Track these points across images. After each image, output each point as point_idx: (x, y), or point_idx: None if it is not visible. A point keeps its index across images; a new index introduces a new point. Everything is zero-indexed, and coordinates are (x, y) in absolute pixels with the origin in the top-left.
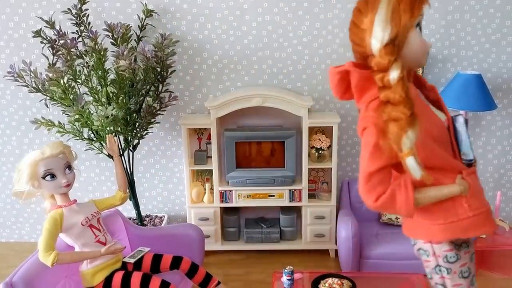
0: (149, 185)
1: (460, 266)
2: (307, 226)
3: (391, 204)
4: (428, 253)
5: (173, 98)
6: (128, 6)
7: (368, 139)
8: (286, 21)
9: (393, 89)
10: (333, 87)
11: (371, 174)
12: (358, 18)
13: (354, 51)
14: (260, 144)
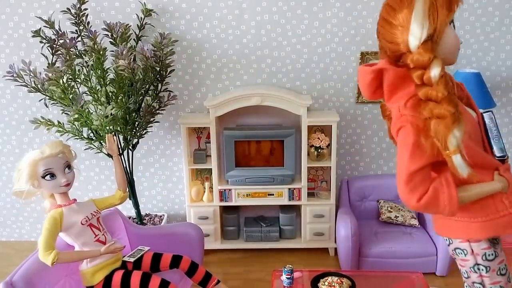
0: (149, 184)
1: (498, 264)
2: (307, 224)
3: (434, 203)
4: (466, 252)
5: (172, 97)
6: (127, 6)
7: (406, 138)
8: (285, 20)
9: (435, 87)
10: (363, 87)
11: (413, 174)
12: (390, 14)
13: (384, 48)
14: (259, 143)
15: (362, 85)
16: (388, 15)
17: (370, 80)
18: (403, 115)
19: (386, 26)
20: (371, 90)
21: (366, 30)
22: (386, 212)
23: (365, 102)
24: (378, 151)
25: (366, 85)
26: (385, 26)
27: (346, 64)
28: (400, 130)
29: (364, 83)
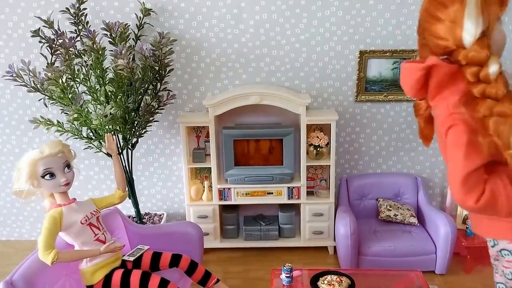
0: (148, 183)
1: None
2: (306, 223)
3: (492, 205)
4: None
5: (171, 96)
6: (126, 5)
7: (459, 137)
8: (284, 19)
9: (493, 84)
10: (410, 84)
11: (469, 174)
12: (439, 9)
13: (429, 45)
14: (258, 142)
15: (409, 83)
16: (437, 9)
17: (419, 77)
18: (453, 113)
19: (433, 21)
20: (418, 88)
21: (364, 29)
22: (385, 211)
23: (364, 101)
24: (377, 149)
25: (414, 82)
26: (432, 21)
27: (344, 63)
28: (450, 129)
29: (411, 80)
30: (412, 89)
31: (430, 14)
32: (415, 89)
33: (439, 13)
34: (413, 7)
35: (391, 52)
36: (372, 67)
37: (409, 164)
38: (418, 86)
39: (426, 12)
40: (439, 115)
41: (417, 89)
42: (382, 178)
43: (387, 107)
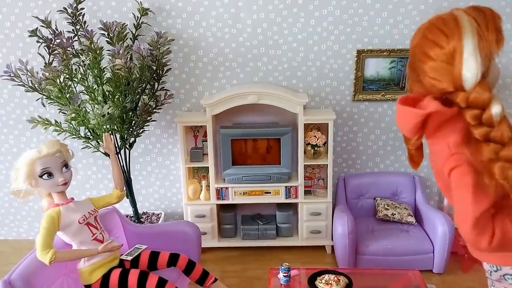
0: (146, 183)
1: None
2: (303, 222)
3: (504, 243)
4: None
5: (169, 96)
6: (123, 5)
7: (465, 179)
8: (281, 18)
9: (497, 128)
10: (408, 129)
11: (479, 218)
12: (433, 49)
13: (425, 83)
14: (256, 141)
15: (407, 127)
16: (431, 48)
17: (418, 122)
18: (455, 153)
19: (427, 60)
20: (415, 131)
21: (362, 28)
22: (383, 210)
23: (361, 100)
24: (375, 148)
25: (412, 126)
26: (426, 60)
27: (342, 62)
28: (454, 170)
29: (409, 125)
30: (409, 132)
31: (423, 52)
32: (413, 132)
33: (433, 53)
34: (410, 6)
35: (389, 51)
36: (370, 66)
37: (407, 163)
38: (415, 129)
39: (419, 49)
40: (439, 152)
41: (415, 132)
42: (380, 177)
43: (385, 106)
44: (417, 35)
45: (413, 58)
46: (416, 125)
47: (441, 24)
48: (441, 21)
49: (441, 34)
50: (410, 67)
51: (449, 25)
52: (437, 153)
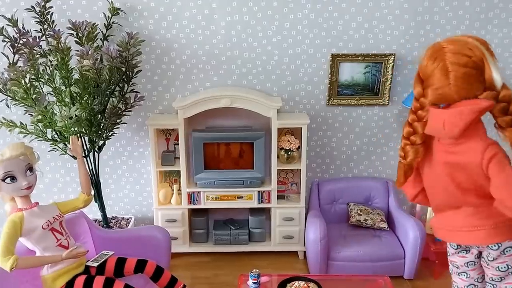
0: (116, 186)
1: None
2: (276, 227)
3: None
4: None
5: (139, 98)
6: (94, 4)
7: (506, 162)
8: (255, 20)
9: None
10: (462, 127)
11: None
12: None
13: (473, 89)
14: (228, 145)
15: (459, 125)
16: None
17: (473, 119)
18: (490, 144)
19: (479, 76)
20: (465, 128)
21: (337, 32)
22: (355, 215)
23: (336, 105)
24: (349, 153)
25: (465, 123)
26: (479, 76)
27: (316, 66)
28: (494, 157)
29: (463, 122)
30: (459, 131)
31: (472, 77)
32: (461, 131)
33: (478, 79)
34: (385, 10)
35: (363, 56)
36: (344, 71)
37: (381, 169)
38: (465, 126)
39: (463, 72)
40: (469, 148)
41: (463, 130)
42: (353, 182)
43: (359, 111)
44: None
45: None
46: (469, 122)
47: (464, 43)
48: (460, 43)
49: (467, 49)
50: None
51: (470, 44)
52: (466, 150)
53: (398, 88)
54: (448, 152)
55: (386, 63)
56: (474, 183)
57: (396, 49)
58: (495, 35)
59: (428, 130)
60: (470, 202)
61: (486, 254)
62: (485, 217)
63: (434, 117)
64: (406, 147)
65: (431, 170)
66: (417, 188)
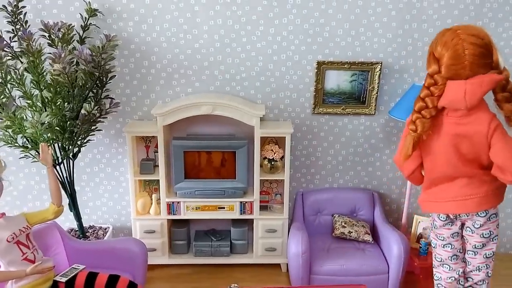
0: (94, 195)
1: None
2: (259, 239)
3: None
4: (497, 214)
5: (115, 104)
6: (70, 4)
7: (506, 131)
8: (239, 25)
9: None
10: (479, 95)
11: None
12: (488, 56)
13: (486, 67)
14: (210, 154)
15: (478, 94)
16: (487, 55)
17: (490, 88)
18: (493, 116)
19: (489, 58)
20: (482, 97)
21: (323, 39)
22: (339, 228)
23: (321, 113)
24: (334, 163)
25: (483, 92)
26: (488, 58)
27: (302, 74)
28: (498, 127)
29: (483, 91)
30: (478, 99)
31: (484, 56)
32: (478, 100)
33: (489, 58)
34: (372, 17)
35: (350, 64)
36: (330, 78)
37: (366, 179)
38: (483, 96)
39: (479, 57)
40: (478, 118)
41: (480, 99)
42: (339, 193)
43: (345, 120)
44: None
45: (476, 58)
46: (486, 92)
47: (476, 28)
48: (473, 28)
49: (480, 32)
50: (472, 63)
51: (480, 30)
52: (474, 120)
53: (385, 98)
54: (458, 124)
55: (373, 71)
56: (475, 153)
57: (383, 57)
58: None
59: (445, 102)
60: (467, 172)
61: (472, 223)
62: (477, 186)
63: (454, 88)
64: (417, 120)
65: (437, 142)
66: (415, 163)
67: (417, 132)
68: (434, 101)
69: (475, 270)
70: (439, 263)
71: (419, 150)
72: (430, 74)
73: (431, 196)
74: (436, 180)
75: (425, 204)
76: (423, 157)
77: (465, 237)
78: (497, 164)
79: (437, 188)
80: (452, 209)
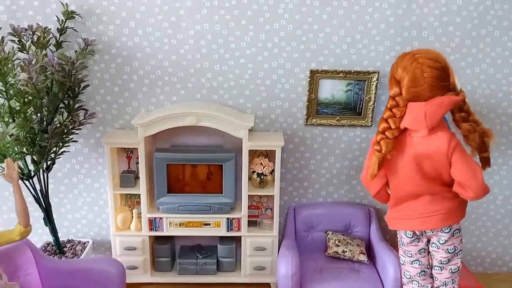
0: (72, 207)
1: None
2: (247, 257)
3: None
4: (460, 229)
5: (90, 115)
6: (47, 6)
7: (465, 152)
8: (228, 30)
9: (471, 114)
10: (439, 116)
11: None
12: (445, 78)
13: (442, 90)
14: (195, 167)
15: (439, 114)
16: (444, 78)
17: (449, 109)
18: (452, 135)
19: (446, 82)
20: (441, 118)
21: (317, 46)
22: (333, 246)
23: (314, 124)
24: (328, 177)
25: (442, 114)
26: (445, 82)
27: (294, 82)
28: (457, 146)
29: (442, 111)
30: (437, 121)
31: (442, 78)
32: (439, 120)
33: (446, 80)
34: (369, 24)
35: (345, 73)
36: (324, 88)
37: (362, 194)
38: (442, 116)
39: (437, 79)
40: (438, 137)
41: (440, 119)
42: (333, 208)
43: (340, 132)
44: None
45: (433, 81)
46: (445, 112)
47: (433, 52)
48: (430, 51)
49: (437, 56)
50: (430, 85)
51: (437, 53)
52: (435, 140)
53: (382, 108)
54: (419, 143)
55: (369, 81)
56: (437, 171)
57: (380, 66)
58: (488, 54)
59: (407, 123)
60: (429, 190)
61: (437, 239)
62: (440, 203)
63: (415, 109)
64: (381, 141)
65: (401, 162)
66: (381, 182)
67: (381, 152)
68: (396, 122)
69: (442, 286)
70: (408, 280)
71: (384, 170)
72: (392, 96)
73: (397, 213)
74: (401, 198)
75: (392, 222)
76: (389, 176)
77: (431, 253)
78: (458, 181)
79: (403, 206)
80: (418, 226)
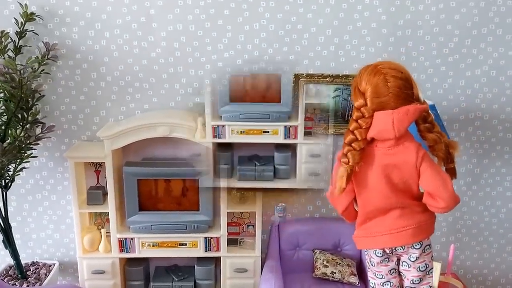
0: (37, 226)
1: None
2: (226, 280)
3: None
4: (430, 245)
5: (48, 129)
6: (4, 7)
7: (432, 160)
8: (203, 31)
9: (435, 124)
10: (407, 124)
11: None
12: (409, 88)
13: (407, 99)
14: (169, 182)
15: (406, 122)
16: (408, 88)
17: (416, 117)
18: (419, 145)
19: (409, 91)
20: (407, 127)
21: (301, 48)
22: (321, 267)
23: None
24: (316, 190)
25: (410, 122)
26: (409, 91)
27: None
28: (425, 155)
29: (410, 120)
30: (403, 129)
31: (406, 87)
32: (404, 129)
33: (410, 90)
34: (359, 23)
35: (332, 77)
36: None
37: None
38: (409, 124)
39: (401, 88)
40: (406, 148)
41: (406, 128)
42: (321, 224)
43: (328, 141)
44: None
45: (399, 90)
46: (412, 121)
47: (395, 63)
48: (391, 63)
49: (399, 67)
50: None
51: (398, 64)
52: (403, 150)
53: None
54: (387, 154)
55: None
56: (405, 182)
57: None
58: (490, 54)
59: (374, 133)
60: (399, 203)
61: (408, 257)
62: (410, 218)
63: (382, 118)
64: (348, 153)
65: (370, 174)
66: (349, 198)
67: (349, 164)
68: (362, 133)
69: None
70: None
71: (351, 185)
72: (357, 108)
73: (366, 231)
74: (370, 213)
75: (360, 240)
76: (357, 192)
77: (402, 273)
78: (428, 192)
79: (372, 223)
80: (388, 242)
